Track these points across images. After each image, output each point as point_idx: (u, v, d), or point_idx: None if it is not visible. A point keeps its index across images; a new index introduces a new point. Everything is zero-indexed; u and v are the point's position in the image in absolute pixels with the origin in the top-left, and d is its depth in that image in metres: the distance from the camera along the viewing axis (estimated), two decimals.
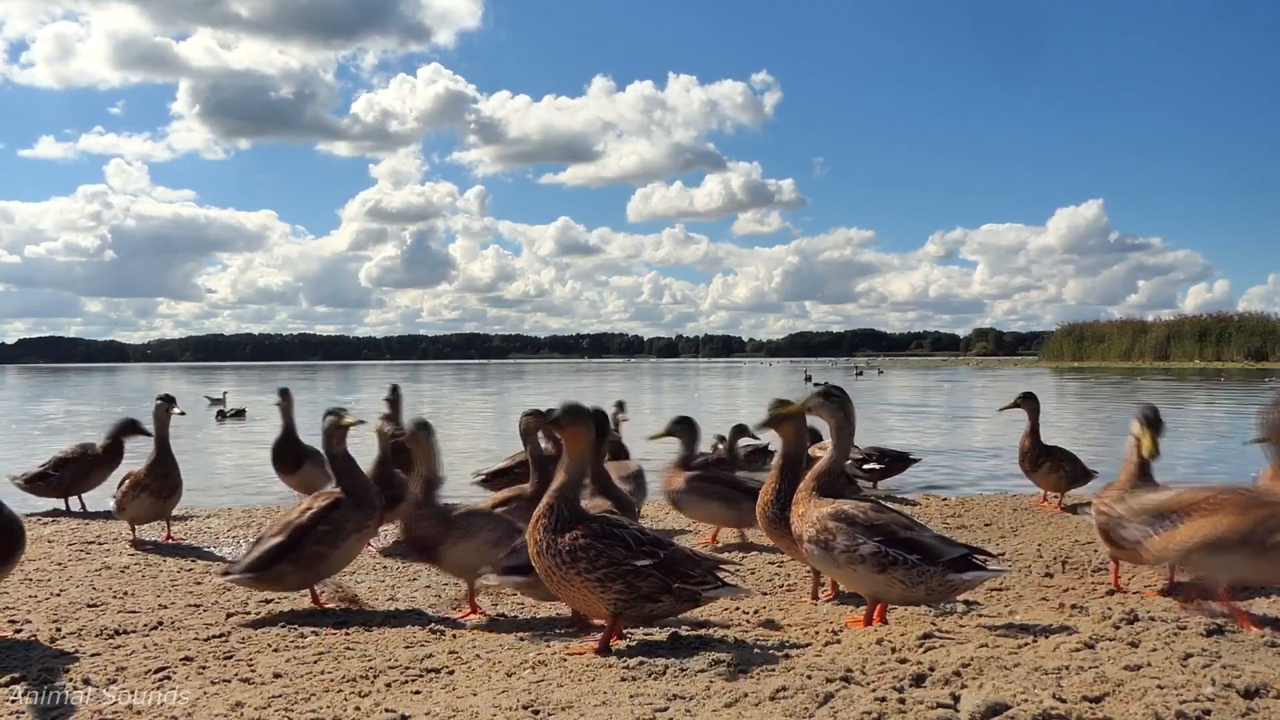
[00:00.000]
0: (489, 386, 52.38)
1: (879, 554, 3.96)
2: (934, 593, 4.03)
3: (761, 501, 4.82)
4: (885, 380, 56.31)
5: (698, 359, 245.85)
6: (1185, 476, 12.25)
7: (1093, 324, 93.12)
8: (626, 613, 3.89)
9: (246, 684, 3.52)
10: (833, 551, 4.06)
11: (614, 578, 3.81)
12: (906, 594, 4.04)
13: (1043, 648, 3.59)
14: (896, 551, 3.96)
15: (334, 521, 4.86)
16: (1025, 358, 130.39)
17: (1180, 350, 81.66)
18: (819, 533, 4.10)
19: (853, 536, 4.01)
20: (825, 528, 4.09)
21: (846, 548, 4.02)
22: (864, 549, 3.98)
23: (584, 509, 4.03)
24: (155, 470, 6.96)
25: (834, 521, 4.08)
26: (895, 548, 3.97)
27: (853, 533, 4.02)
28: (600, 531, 3.86)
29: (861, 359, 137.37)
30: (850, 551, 4.01)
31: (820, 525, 4.11)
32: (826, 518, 4.11)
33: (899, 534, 4.01)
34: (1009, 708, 2.80)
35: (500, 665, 3.69)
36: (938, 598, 4.11)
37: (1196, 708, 2.80)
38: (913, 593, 4.02)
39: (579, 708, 3.06)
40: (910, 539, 4.01)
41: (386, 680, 3.54)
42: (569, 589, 3.89)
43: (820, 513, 4.14)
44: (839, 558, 4.05)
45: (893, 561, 3.95)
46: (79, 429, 21.63)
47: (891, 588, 4.01)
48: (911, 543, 4.00)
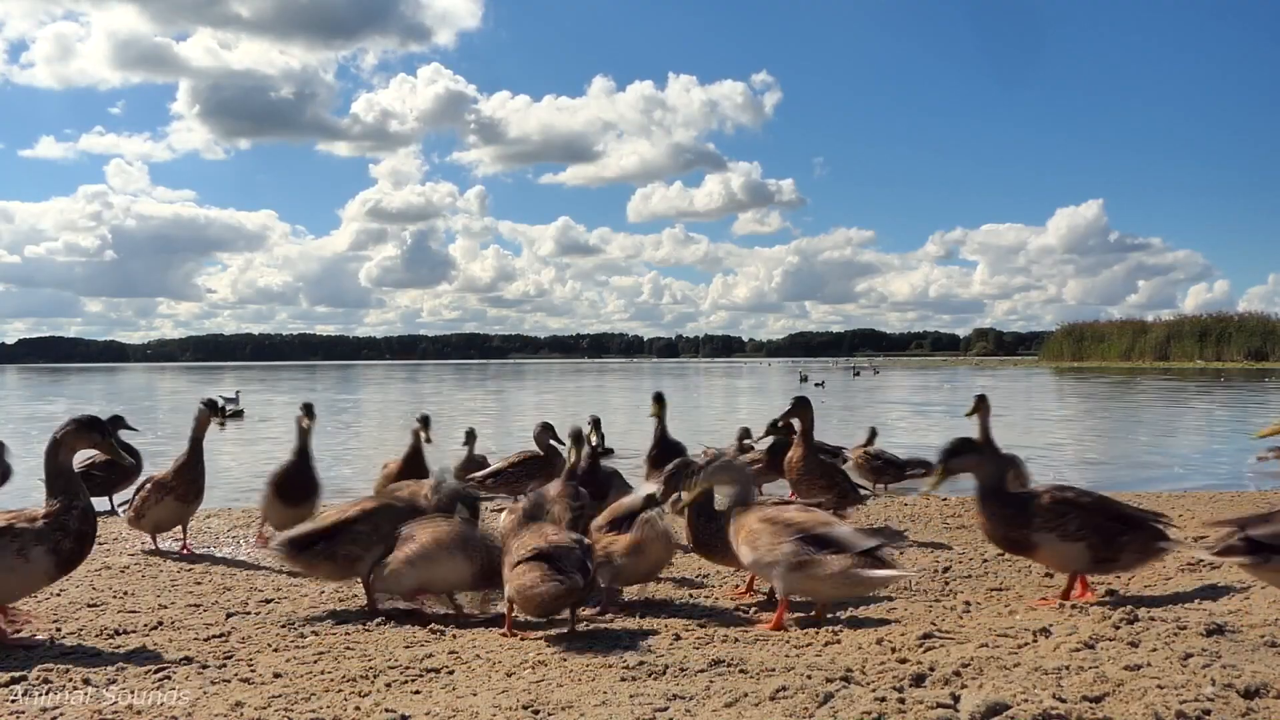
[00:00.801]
0: (489, 386, 52.39)
1: (796, 551, 4.21)
2: (841, 587, 4.23)
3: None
4: (885, 380, 56.33)
5: (698, 359, 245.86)
6: (1183, 475, 12.25)
7: (1093, 324, 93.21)
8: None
9: (246, 684, 3.51)
10: (758, 551, 4.34)
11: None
12: (819, 588, 4.26)
13: (1043, 648, 3.59)
14: (808, 548, 4.20)
15: (374, 523, 4.91)
16: (1025, 358, 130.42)
17: (1180, 350, 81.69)
18: (748, 535, 4.42)
19: (776, 535, 4.29)
20: (752, 530, 4.40)
21: (770, 546, 4.29)
22: (784, 547, 4.24)
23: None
24: (184, 474, 6.69)
25: (759, 524, 4.39)
26: (810, 545, 4.21)
27: (775, 532, 4.30)
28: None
29: (862, 359, 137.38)
30: (773, 549, 4.28)
31: (748, 529, 4.42)
32: (754, 521, 4.43)
33: (814, 530, 4.26)
34: (1009, 708, 2.80)
35: (500, 665, 3.70)
36: (847, 592, 4.34)
37: (1196, 708, 2.80)
38: (823, 586, 4.23)
39: (579, 708, 3.06)
40: (824, 535, 4.24)
41: (386, 680, 3.54)
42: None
43: (749, 518, 4.45)
44: (764, 557, 4.32)
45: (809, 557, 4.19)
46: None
47: (805, 583, 4.25)
48: (825, 539, 4.22)
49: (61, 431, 4.24)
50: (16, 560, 3.93)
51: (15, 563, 3.93)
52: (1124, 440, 17.86)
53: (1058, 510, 4.37)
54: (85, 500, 4.11)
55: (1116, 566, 4.49)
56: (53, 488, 4.11)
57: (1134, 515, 4.47)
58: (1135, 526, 4.41)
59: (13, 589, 4.05)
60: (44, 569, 3.99)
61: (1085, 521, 4.34)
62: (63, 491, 4.09)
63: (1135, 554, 4.41)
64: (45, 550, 3.96)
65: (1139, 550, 4.40)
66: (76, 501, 4.07)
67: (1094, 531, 4.32)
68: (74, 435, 4.27)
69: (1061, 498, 4.42)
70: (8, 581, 3.97)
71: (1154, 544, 4.40)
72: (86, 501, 4.12)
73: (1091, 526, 4.33)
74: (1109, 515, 4.41)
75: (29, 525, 3.98)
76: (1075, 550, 4.36)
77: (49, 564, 3.99)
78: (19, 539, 3.94)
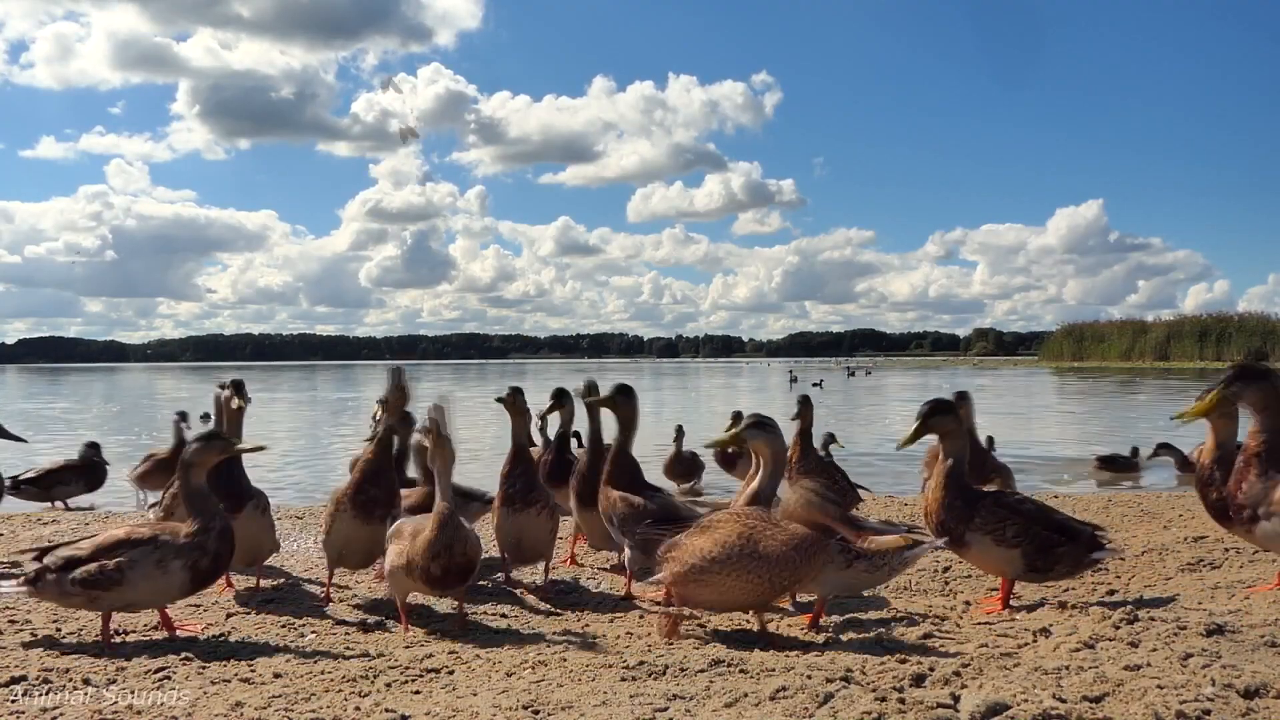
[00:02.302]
0: (489, 386, 52.35)
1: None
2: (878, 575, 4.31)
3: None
4: (885, 380, 56.31)
5: (698, 359, 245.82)
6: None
7: (1093, 324, 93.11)
8: None
9: (246, 684, 3.51)
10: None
11: None
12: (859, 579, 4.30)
13: (1043, 648, 3.60)
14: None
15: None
16: (1025, 358, 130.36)
17: (1180, 350, 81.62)
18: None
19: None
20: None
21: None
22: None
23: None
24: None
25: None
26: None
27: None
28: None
29: (864, 359, 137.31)
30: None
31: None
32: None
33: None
34: (1009, 708, 2.80)
35: (500, 665, 3.69)
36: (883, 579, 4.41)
37: (1196, 708, 2.80)
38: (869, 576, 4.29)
39: (579, 708, 3.06)
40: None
41: (386, 680, 3.53)
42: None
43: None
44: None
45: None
46: (86, 428, 21.64)
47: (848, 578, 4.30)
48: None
49: (189, 453, 4.25)
50: (155, 571, 4.01)
51: (153, 573, 4.01)
52: (1122, 441, 17.84)
53: (998, 515, 4.35)
54: (222, 521, 4.16)
55: (1050, 576, 4.48)
56: (190, 508, 4.16)
57: (1072, 526, 4.48)
58: (1073, 537, 4.42)
59: (144, 597, 4.11)
60: (178, 583, 4.07)
61: (1024, 530, 4.33)
62: (200, 511, 4.14)
63: (1069, 565, 4.43)
64: (182, 566, 4.03)
65: (1073, 562, 4.43)
66: (214, 522, 4.12)
67: (1031, 540, 4.33)
68: (201, 453, 4.26)
69: (1005, 502, 4.44)
70: (141, 590, 4.04)
71: (1088, 555, 4.45)
72: (224, 522, 4.17)
73: (1029, 535, 4.33)
74: (1048, 525, 4.41)
75: (172, 539, 4.06)
76: (1010, 556, 4.36)
77: (183, 579, 4.06)
78: (160, 550, 4.02)
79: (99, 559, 4.03)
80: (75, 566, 4.05)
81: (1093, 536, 4.47)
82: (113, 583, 3.99)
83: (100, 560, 4.02)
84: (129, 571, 3.99)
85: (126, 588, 4.01)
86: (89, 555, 4.05)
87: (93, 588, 4.01)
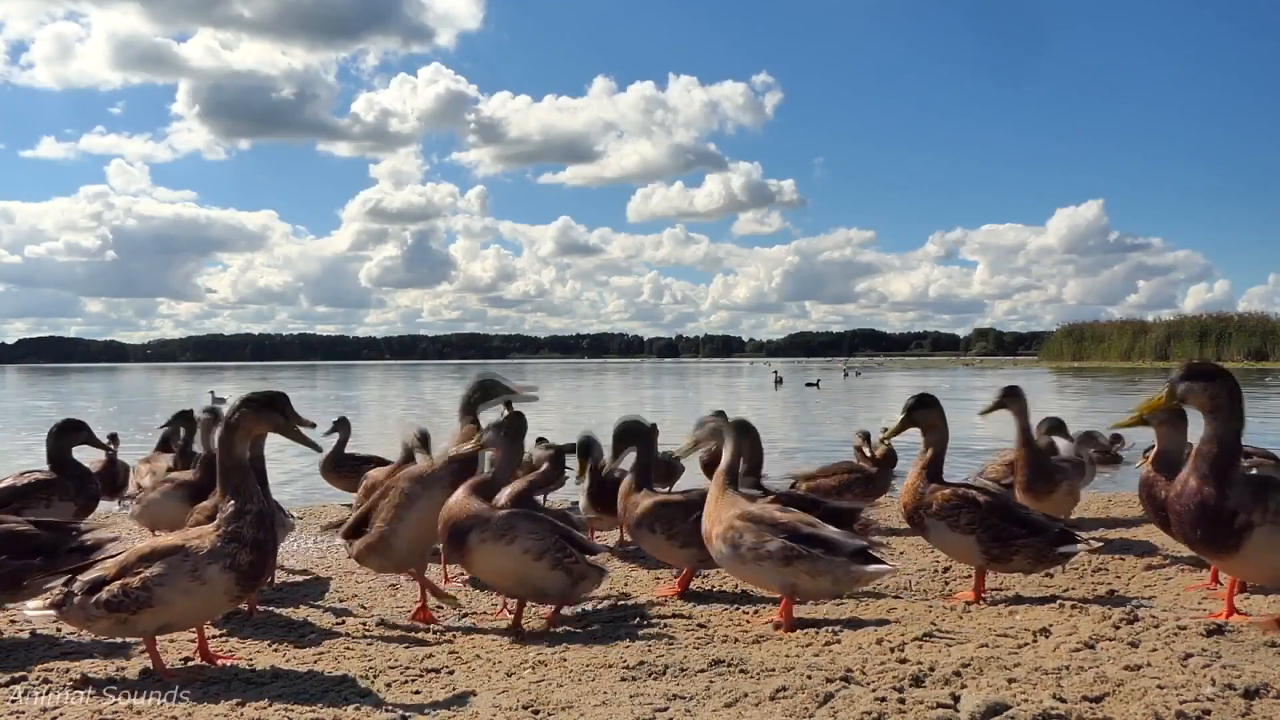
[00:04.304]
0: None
1: (785, 549, 4.20)
2: (840, 582, 4.28)
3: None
4: (884, 380, 56.30)
5: (698, 359, 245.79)
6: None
7: (1093, 324, 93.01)
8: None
9: (246, 684, 3.52)
10: (740, 549, 4.28)
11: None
12: (813, 586, 4.27)
13: (1043, 648, 3.60)
14: (801, 546, 4.21)
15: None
16: (1025, 358, 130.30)
17: (1180, 350, 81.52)
18: (726, 530, 4.34)
19: (760, 534, 4.26)
20: (732, 526, 4.32)
21: (754, 545, 4.25)
22: (770, 545, 4.22)
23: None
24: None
25: (740, 521, 4.29)
26: (800, 543, 4.22)
27: (760, 530, 4.27)
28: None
29: (864, 359, 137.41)
30: (757, 549, 4.24)
31: (728, 524, 4.34)
32: (734, 518, 4.34)
33: (802, 530, 4.28)
34: (1009, 708, 2.80)
35: (500, 665, 3.69)
36: (843, 587, 4.39)
37: (1196, 708, 2.80)
38: (819, 584, 4.26)
39: (579, 708, 3.06)
40: (813, 534, 4.27)
41: (386, 680, 3.54)
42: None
43: (729, 514, 4.37)
44: (745, 555, 4.28)
45: (798, 555, 4.20)
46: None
47: (798, 579, 4.24)
48: (815, 538, 4.26)
49: (235, 413, 3.63)
50: (190, 583, 3.48)
51: (189, 585, 3.49)
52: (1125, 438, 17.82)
53: (952, 504, 4.63)
54: (259, 503, 3.59)
55: (1011, 566, 4.72)
56: (225, 485, 3.59)
57: (1034, 520, 4.71)
58: (1035, 531, 4.63)
59: (190, 613, 3.61)
60: (224, 589, 3.53)
61: (977, 518, 4.58)
62: (235, 492, 3.57)
63: (1030, 558, 4.65)
64: (221, 568, 3.49)
65: (1034, 555, 4.64)
66: (249, 505, 3.55)
67: (985, 528, 4.58)
68: (252, 418, 3.65)
69: (960, 494, 4.68)
70: (178, 607, 3.52)
71: (1053, 550, 4.64)
72: (261, 504, 3.59)
73: (983, 524, 4.58)
74: (1005, 516, 4.64)
75: (200, 542, 3.54)
76: (966, 542, 4.64)
77: (228, 582, 3.51)
78: (190, 559, 3.49)
79: (123, 578, 3.52)
80: (101, 588, 3.54)
81: (1063, 532, 4.67)
82: (141, 604, 3.48)
83: (123, 579, 3.52)
84: (158, 589, 3.47)
85: (159, 608, 3.50)
86: (115, 574, 3.55)
87: (119, 610, 3.50)
